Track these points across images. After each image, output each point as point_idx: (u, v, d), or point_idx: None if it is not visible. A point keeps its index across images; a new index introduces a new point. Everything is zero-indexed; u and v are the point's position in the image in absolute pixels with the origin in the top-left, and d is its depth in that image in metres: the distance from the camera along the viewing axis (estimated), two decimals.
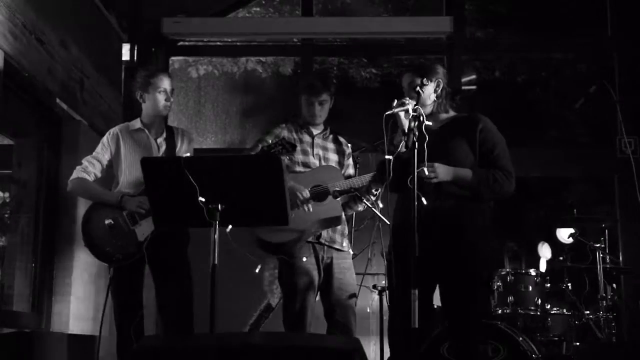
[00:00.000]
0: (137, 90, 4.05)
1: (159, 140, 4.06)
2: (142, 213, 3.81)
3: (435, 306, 3.59)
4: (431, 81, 3.48)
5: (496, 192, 3.41)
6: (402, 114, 3.29)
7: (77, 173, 4.01)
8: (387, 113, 3.28)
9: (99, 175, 4.03)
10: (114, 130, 4.11)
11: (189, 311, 3.93)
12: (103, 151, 4.05)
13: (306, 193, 3.89)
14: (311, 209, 3.88)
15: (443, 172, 3.32)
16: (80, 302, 5.06)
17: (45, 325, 4.87)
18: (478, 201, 3.41)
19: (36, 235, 4.89)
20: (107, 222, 3.87)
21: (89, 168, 4.00)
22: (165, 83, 4.02)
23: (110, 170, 4.07)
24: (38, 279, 4.87)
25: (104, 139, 4.09)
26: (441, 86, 3.51)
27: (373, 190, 3.92)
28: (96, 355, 4.10)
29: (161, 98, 4.01)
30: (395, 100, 3.31)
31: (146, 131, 4.06)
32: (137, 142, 4.04)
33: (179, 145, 4.08)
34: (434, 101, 3.51)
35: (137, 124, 4.08)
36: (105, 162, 4.02)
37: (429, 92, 3.48)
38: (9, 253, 4.90)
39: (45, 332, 4.83)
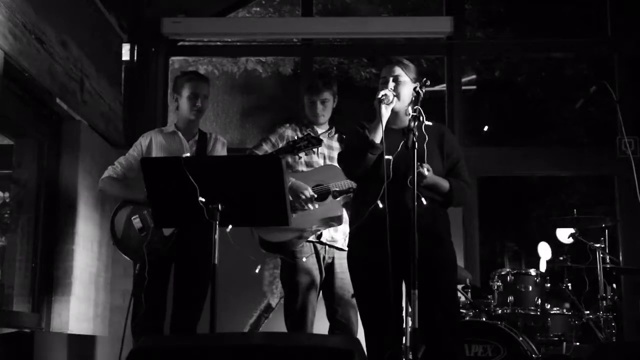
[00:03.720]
0: (173, 93, 4.14)
1: (191, 142, 4.11)
2: None
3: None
4: (411, 81, 3.46)
5: (461, 202, 3.50)
6: (383, 107, 3.34)
7: (107, 172, 4.11)
8: (379, 96, 3.34)
9: (130, 175, 4.08)
10: (148, 133, 4.19)
11: (198, 310, 3.93)
12: (134, 152, 4.13)
13: (309, 192, 3.90)
14: (313, 207, 3.89)
15: (429, 176, 3.30)
16: (80, 302, 5.06)
17: (45, 325, 4.86)
18: (445, 207, 3.46)
19: (36, 235, 4.89)
20: (133, 218, 3.92)
21: (118, 168, 4.09)
22: (197, 87, 4.07)
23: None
24: (38, 279, 4.87)
25: (137, 141, 4.17)
26: (416, 92, 3.40)
27: None
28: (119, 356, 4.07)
29: (191, 102, 4.07)
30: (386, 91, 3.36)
31: (179, 133, 4.12)
32: (169, 143, 4.10)
33: (210, 148, 4.12)
34: (408, 102, 3.46)
35: (170, 127, 4.17)
36: (135, 163, 4.06)
37: (408, 91, 3.45)
38: (9, 253, 4.89)
39: (45, 332, 4.83)
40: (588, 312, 4.82)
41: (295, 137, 3.95)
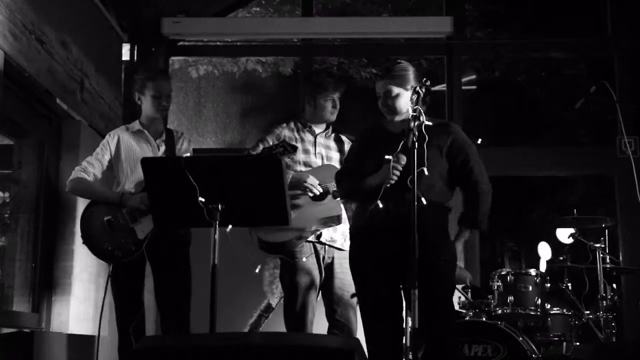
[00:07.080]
0: (135, 92, 4.07)
1: (158, 141, 4.07)
2: (144, 210, 3.80)
3: None
4: (407, 90, 3.41)
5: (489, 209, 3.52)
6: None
7: (76, 173, 4.02)
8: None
9: (99, 175, 4.03)
10: (114, 131, 4.14)
11: (186, 311, 3.93)
12: (103, 152, 4.06)
13: (312, 179, 3.89)
14: (318, 190, 3.87)
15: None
16: (80, 302, 5.05)
17: (45, 325, 4.86)
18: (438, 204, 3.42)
19: (36, 235, 4.89)
20: (106, 219, 3.88)
21: (89, 168, 4.01)
22: (161, 87, 4.02)
23: (111, 172, 4.08)
24: (38, 279, 4.87)
25: (104, 140, 4.11)
26: (416, 93, 3.35)
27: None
28: (95, 355, 4.09)
29: (156, 101, 4.01)
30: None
31: (145, 132, 4.07)
32: (137, 142, 4.05)
33: (178, 146, 4.09)
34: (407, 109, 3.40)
35: (136, 125, 4.10)
36: (105, 163, 4.03)
37: (405, 101, 3.41)
38: (9, 253, 4.89)
39: (45, 332, 4.83)
40: (588, 312, 4.82)
41: (272, 144, 3.92)
